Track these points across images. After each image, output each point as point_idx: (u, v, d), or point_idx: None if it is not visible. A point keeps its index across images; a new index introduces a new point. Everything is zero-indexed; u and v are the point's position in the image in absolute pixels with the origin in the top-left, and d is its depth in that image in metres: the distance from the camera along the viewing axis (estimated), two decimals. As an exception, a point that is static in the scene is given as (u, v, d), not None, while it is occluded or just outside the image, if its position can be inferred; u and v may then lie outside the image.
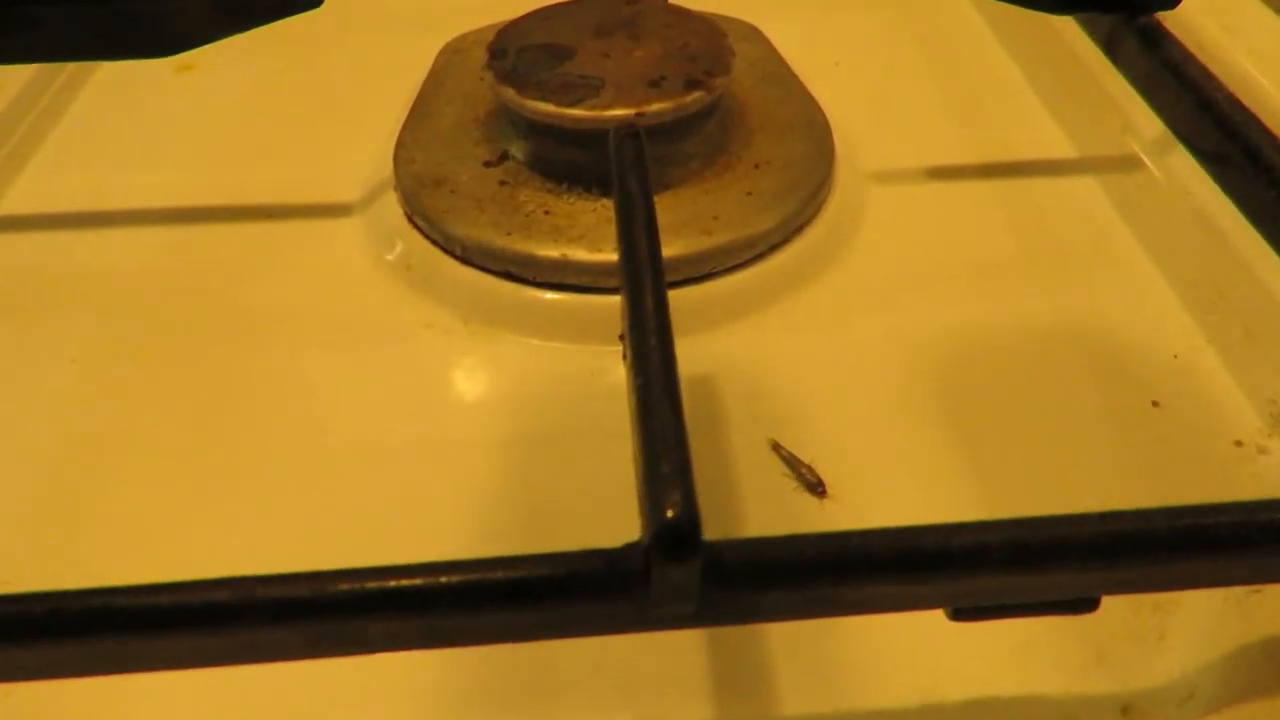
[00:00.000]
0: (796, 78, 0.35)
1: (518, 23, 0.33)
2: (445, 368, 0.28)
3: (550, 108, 0.29)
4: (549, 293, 0.29)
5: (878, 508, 0.24)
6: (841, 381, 0.27)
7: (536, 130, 0.30)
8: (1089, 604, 0.18)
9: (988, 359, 0.28)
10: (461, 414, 0.27)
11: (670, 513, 0.15)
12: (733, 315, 0.29)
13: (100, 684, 0.16)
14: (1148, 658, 0.21)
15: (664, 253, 0.22)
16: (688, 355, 0.19)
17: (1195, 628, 0.21)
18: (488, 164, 0.32)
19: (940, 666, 0.21)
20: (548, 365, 0.28)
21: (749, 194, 0.30)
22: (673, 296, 0.20)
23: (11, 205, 0.34)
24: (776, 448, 0.25)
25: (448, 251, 0.30)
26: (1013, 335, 0.28)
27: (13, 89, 0.37)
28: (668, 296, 0.20)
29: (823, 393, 0.27)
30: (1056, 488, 0.25)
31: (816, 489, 0.24)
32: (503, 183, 0.31)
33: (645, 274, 0.20)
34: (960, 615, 0.18)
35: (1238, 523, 0.17)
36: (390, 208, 0.32)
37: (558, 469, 0.25)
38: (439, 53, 0.37)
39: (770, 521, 0.24)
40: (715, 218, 0.29)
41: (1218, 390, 0.27)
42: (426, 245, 0.30)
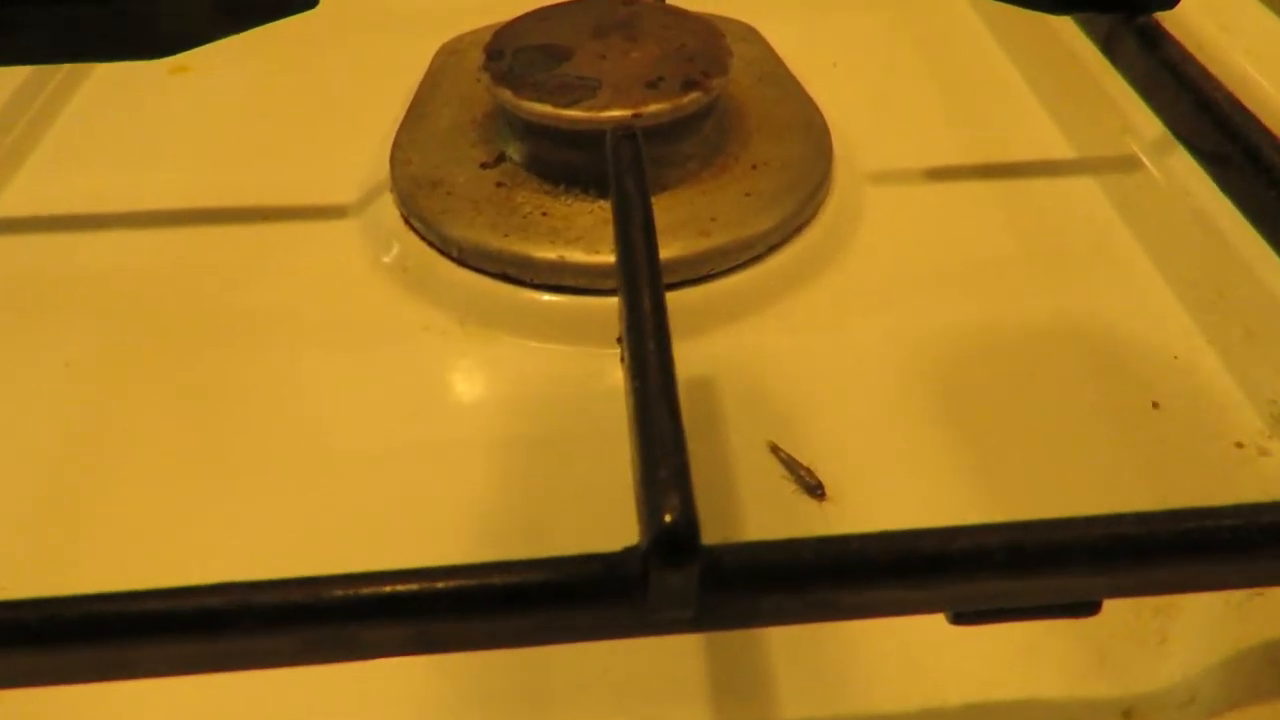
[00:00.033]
0: (794, 78, 0.35)
1: (514, 24, 0.33)
2: (442, 370, 0.28)
3: (547, 109, 0.29)
4: (546, 294, 0.29)
5: (877, 510, 0.24)
6: (840, 383, 0.27)
7: (533, 131, 0.30)
8: (1090, 607, 0.18)
9: (987, 360, 0.28)
10: (458, 416, 0.27)
11: (668, 517, 0.15)
12: (731, 317, 0.29)
13: (96, 687, 0.16)
14: (1149, 661, 0.21)
15: (662, 254, 0.22)
16: (686, 357, 0.19)
17: (1197, 631, 0.21)
18: (484, 165, 0.32)
19: (940, 670, 0.21)
20: (545, 367, 0.28)
21: (747, 195, 0.30)
22: (671, 298, 0.20)
23: (6, 207, 0.34)
24: (775, 450, 0.25)
25: (444, 253, 0.30)
26: (1012, 336, 0.28)
27: (8, 90, 0.37)
28: (665, 299, 0.20)
29: (821, 394, 0.27)
30: (1056, 489, 0.24)
31: (815, 491, 0.24)
32: (500, 184, 0.31)
33: (643, 276, 0.20)
34: (961, 619, 0.17)
35: (1240, 525, 0.16)
36: (387, 209, 0.32)
37: (555, 471, 0.25)
38: (435, 54, 0.37)
39: (769, 524, 0.24)
40: (713, 219, 0.29)
41: (1218, 391, 0.26)
42: (423, 247, 0.30)
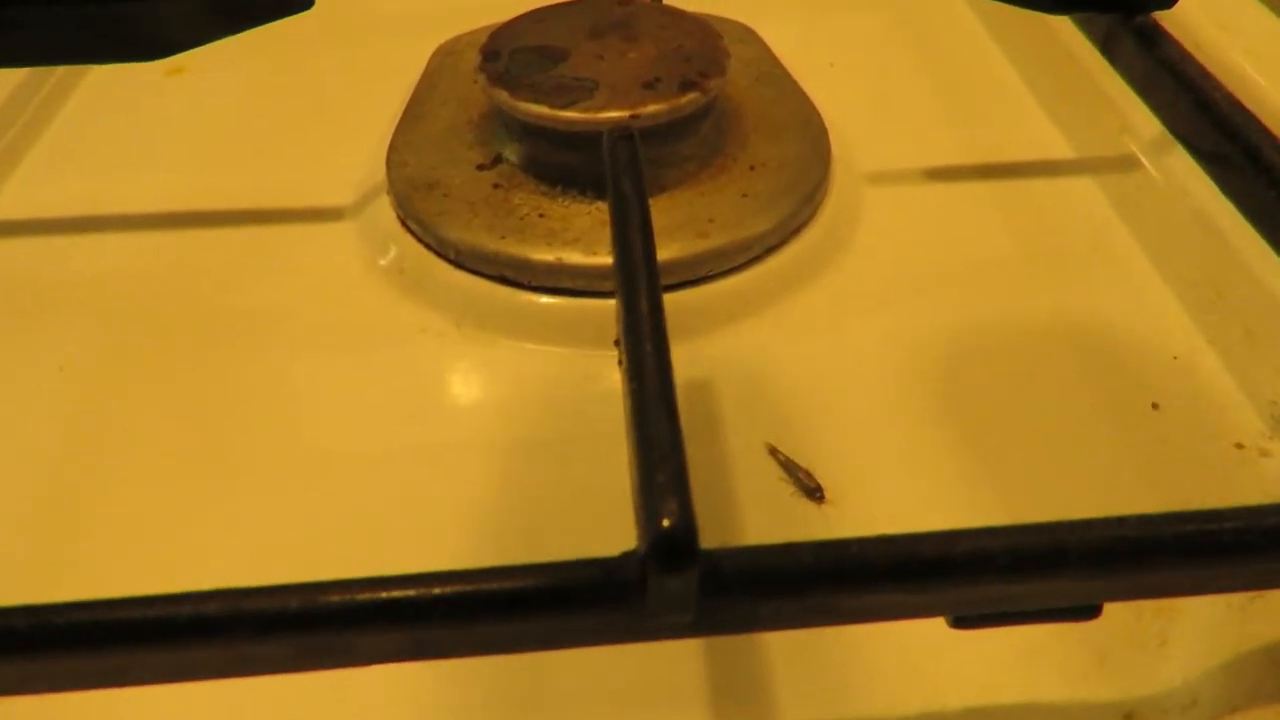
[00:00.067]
0: (792, 78, 0.35)
1: (511, 25, 0.33)
2: (439, 372, 0.28)
3: (544, 110, 0.29)
4: (543, 296, 0.29)
5: (876, 512, 0.24)
6: (839, 384, 0.27)
7: (530, 133, 0.30)
8: (1091, 611, 0.18)
9: (986, 361, 0.28)
10: (455, 419, 0.27)
11: (667, 522, 0.15)
12: (729, 318, 0.28)
13: (95, 692, 0.16)
14: (1150, 663, 0.21)
15: (659, 256, 0.22)
16: (684, 359, 0.19)
17: (1197, 633, 0.21)
18: (481, 167, 0.31)
19: (940, 673, 0.21)
20: (542, 370, 0.27)
21: (745, 196, 0.30)
22: (668, 300, 0.20)
23: (2, 210, 0.34)
24: (774, 452, 0.25)
25: (441, 255, 0.30)
26: (1011, 337, 0.28)
27: (3, 93, 0.37)
28: (663, 301, 0.20)
29: (820, 396, 0.27)
30: (1056, 491, 0.24)
31: (815, 494, 0.24)
32: (496, 186, 0.31)
33: (640, 278, 0.20)
34: (961, 623, 0.17)
35: (1241, 528, 0.16)
36: (383, 211, 0.32)
37: (553, 474, 0.25)
38: (432, 55, 0.37)
39: (768, 527, 0.24)
40: (711, 220, 0.29)
41: (1218, 392, 0.26)
42: (420, 249, 0.30)
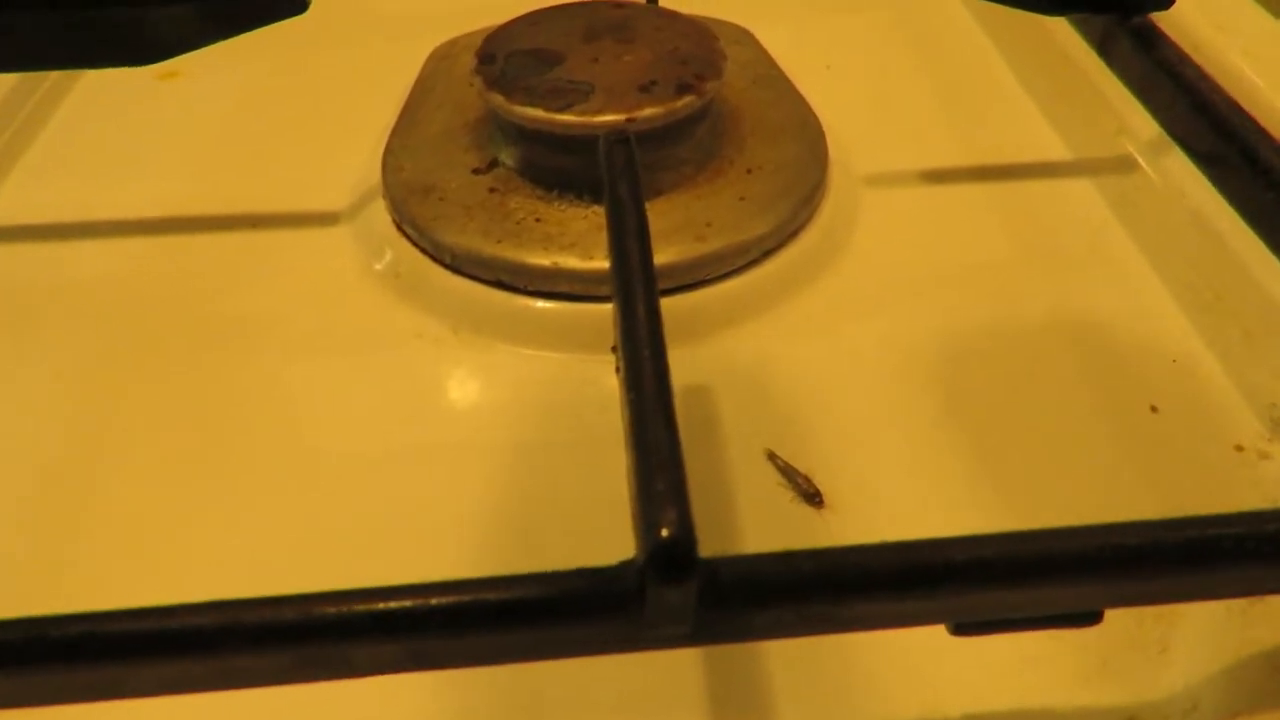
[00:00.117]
0: (788, 81, 0.35)
1: (506, 28, 0.32)
2: (435, 377, 0.28)
3: (540, 113, 0.29)
4: (540, 301, 0.28)
5: (875, 516, 0.24)
6: (838, 389, 0.27)
7: (526, 136, 0.30)
8: (1092, 617, 0.17)
9: (984, 364, 0.28)
10: (452, 424, 0.27)
11: (666, 532, 0.15)
12: (727, 322, 0.28)
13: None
14: (1151, 669, 0.21)
15: (656, 260, 0.22)
16: (681, 364, 0.19)
17: (1198, 638, 0.21)
18: (477, 171, 0.31)
19: (941, 679, 0.21)
20: (539, 374, 0.27)
21: (742, 199, 0.30)
22: (666, 304, 0.20)
23: (-6, 216, 0.33)
24: (773, 457, 0.25)
25: (437, 260, 0.30)
26: (1009, 339, 0.28)
27: (-5, 97, 0.37)
28: (660, 306, 0.20)
29: (819, 400, 0.26)
30: (1056, 495, 0.24)
31: (814, 499, 0.24)
32: (492, 190, 0.31)
33: (637, 283, 0.20)
34: (961, 630, 0.17)
35: (1242, 534, 0.16)
36: (379, 215, 0.31)
37: (550, 479, 0.25)
38: (427, 58, 0.37)
39: (767, 533, 0.23)
40: (708, 224, 0.29)
41: (1217, 394, 0.26)
42: (415, 253, 0.30)
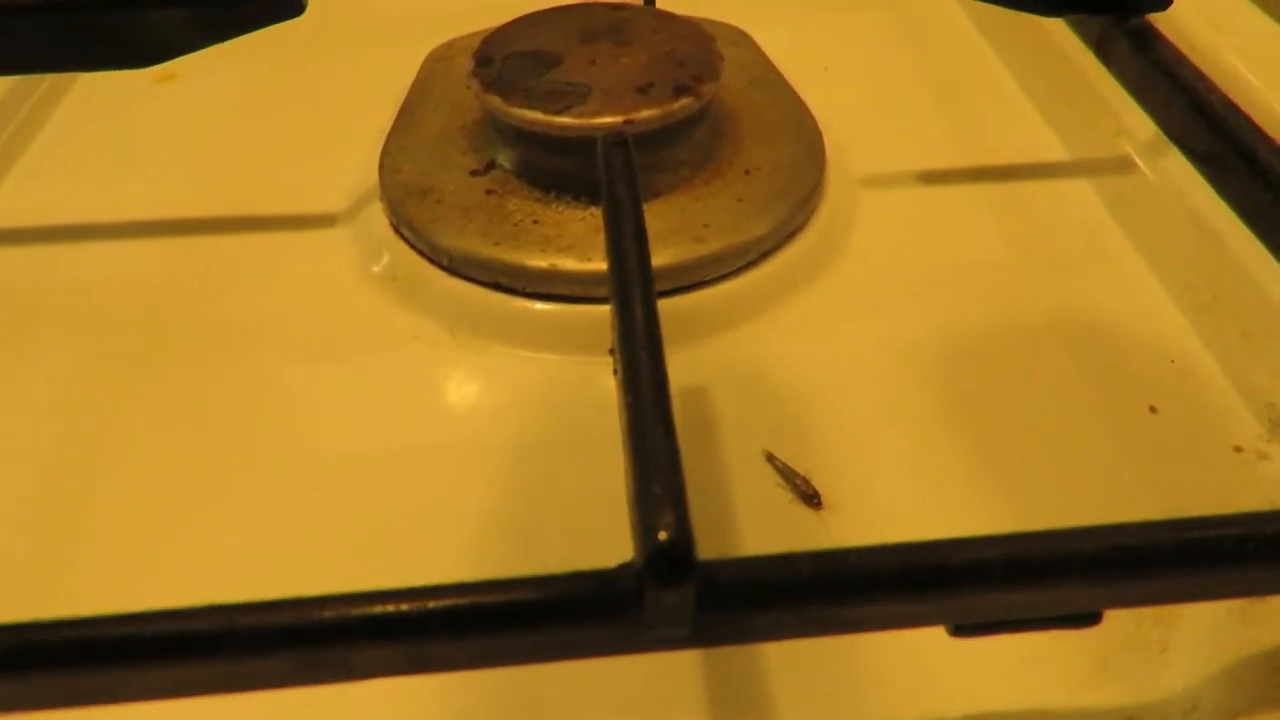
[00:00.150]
0: (786, 82, 0.35)
1: (503, 30, 0.32)
2: (433, 380, 0.28)
3: (537, 116, 0.29)
4: (538, 303, 0.28)
5: (874, 517, 0.24)
6: (836, 390, 0.27)
7: (523, 138, 0.30)
8: (1091, 618, 0.17)
9: (982, 365, 0.27)
10: (450, 426, 0.27)
11: (664, 535, 0.15)
12: (725, 324, 0.28)
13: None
14: (1151, 670, 0.21)
15: (654, 261, 0.21)
16: (679, 365, 0.19)
17: (1198, 639, 0.21)
18: (475, 173, 0.31)
19: (941, 681, 0.21)
20: (537, 376, 0.27)
21: (739, 200, 0.30)
22: (664, 306, 0.20)
23: (-10, 219, 0.33)
24: (771, 459, 0.25)
25: (434, 262, 0.30)
26: (1007, 340, 0.28)
27: (-9, 100, 0.37)
28: (658, 308, 0.20)
29: (817, 401, 0.26)
30: (1055, 496, 0.24)
31: (812, 500, 0.24)
32: (490, 192, 0.31)
33: (635, 286, 0.20)
34: (961, 631, 0.17)
35: (1242, 535, 0.16)
36: (376, 218, 0.31)
37: (548, 481, 0.25)
38: (424, 60, 0.37)
39: (765, 534, 0.23)
40: (706, 225, 0.29)
41: (1216, 395, 0.26)
42: (413, 256, 0.30)
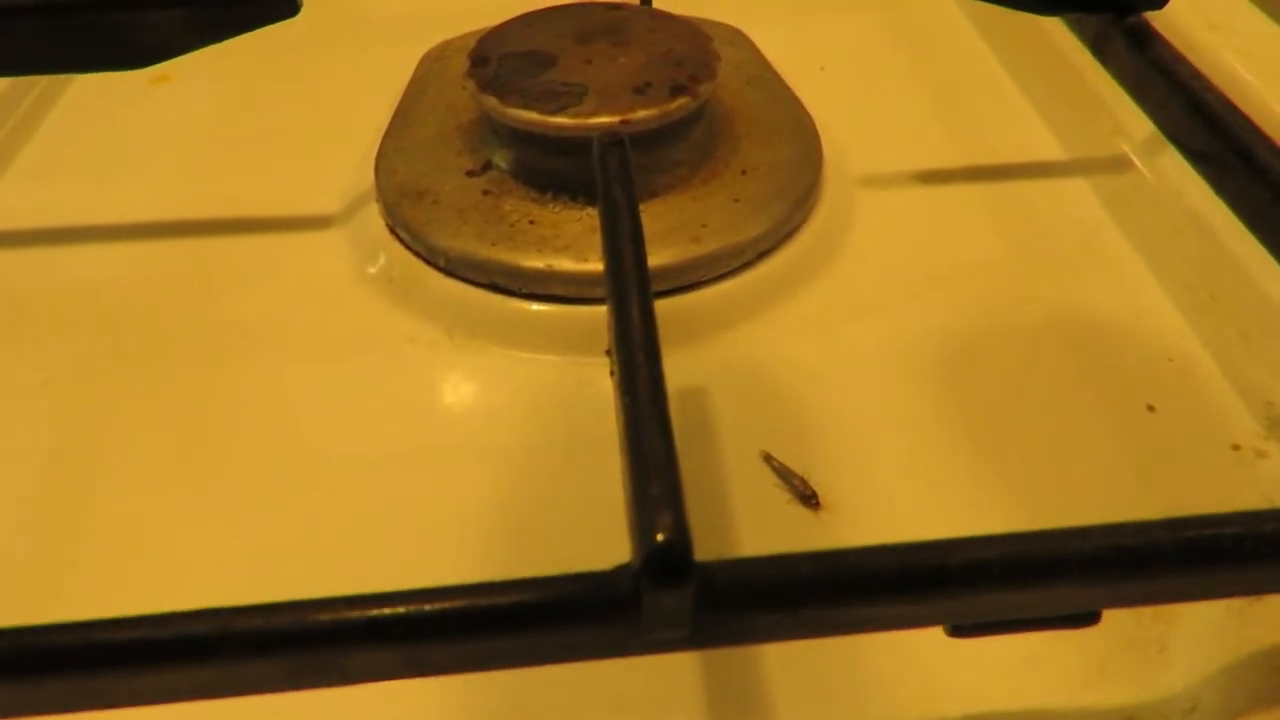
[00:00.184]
0: (783, 82, 0.35)
1: (499, 30, 0.32)
2: (429, 381, 0.28)
3: (533, 116, 0.29)
4: (535, 304, 0.28)
5: (872, 518, 0.24)
6: (834, 390, 0.27)
7: (520, 139, 0.30)
8: (1090, 618, 0.17)
9: (980, 365, 0.27)
10: (446, 428, 0.26)
11: (661, 536, 0.15)
12: (722, 324, 0.28)
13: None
14: (1150, 669, 0.20)
15: (651, 262, 0.21)
16: (676, 366, 0.19)
17: (1197, 638, 0.21)
18: (471, 174, 0.31)
19: (940, 680, 0.21)
20: (534, 378, 0.27)
21: (736, 200, 0.30)
22: (661, 306, 0.20)
23: (-16, 221, 0.33)
24: (769, 459, 0.25)
25: (431, 263, 0.29)
26: (1005, 340, 0.28)
27: (-14, 103, 0.37)
28: (655, 309, 0.19)
29: (815, 402, 0.26)
30: (1053, 495, 0.24)
31: (810, 501, 0.24)
32: (486, 192, 0.30)
33: (631, 287, 0.20)
34: (959, 632, 0.17)
35: (1240, 534, 0.16)
36: (372, 219, 0.31)
37: (545, 482, 0.25)
38: (420, 61, 0.37)
39: (763, 535, 0.23)
40: (703, 225, 0.29)
41: (1214, 393, 0.26)
42: (409, 257, 0.30)
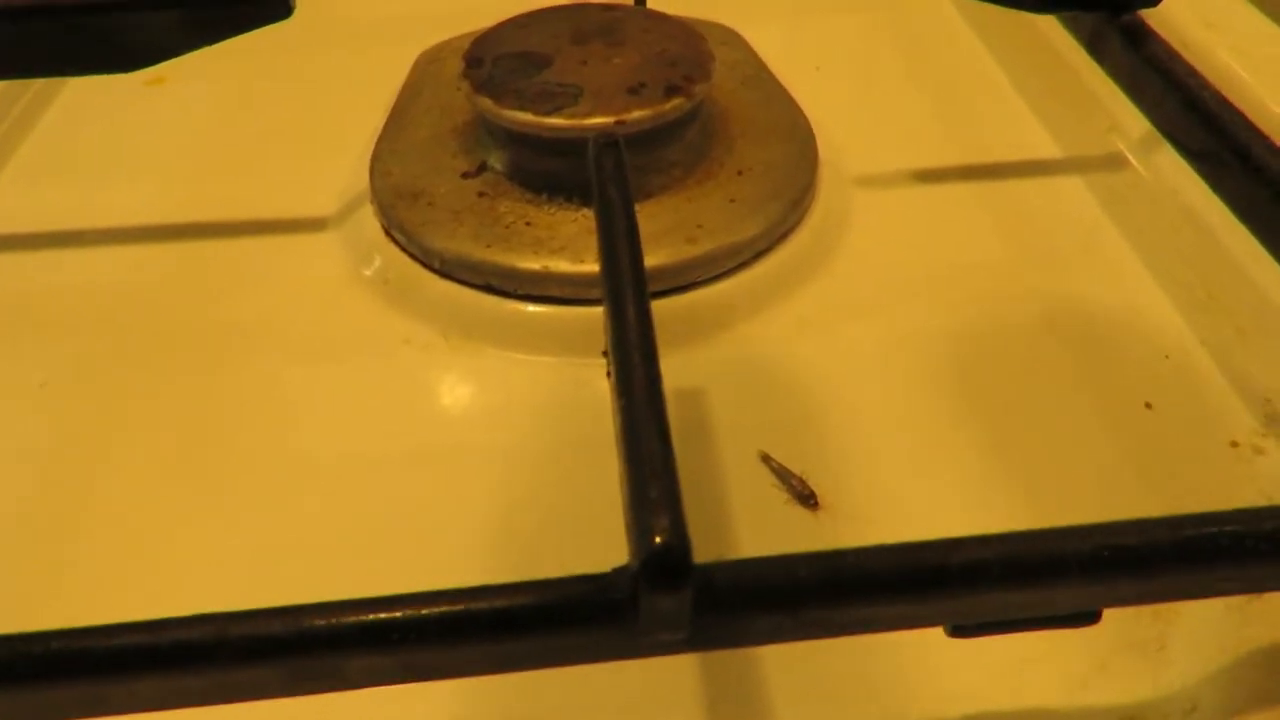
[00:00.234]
0: (777, 82, 0.35)
1: (494, 31, 0.32)
2: (425, 384, 0.27)
3: (528, 117, 0.29)
4: (531, 305, 0.28)
5: (870, 517, 0.24)
6: (831, 390, 0.27)
7: (515, 140, 0.30)
8: (1090, 617, 0.17)
9: (978, 363, 0.27)
10: (443, 430, 0.26)
11: (659, 538, 0.14)
12: (718, 325, 0.28)
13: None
14: (1150, 668, 0.20)
15: (647, 262, 0.21)
16: (673, 367, 0.19)
17: (1197, 636, 0.21)
18: (466, 175, 0.31)
19: (940, 680, 0.20)
20: (530, 379, 0.27)
21: (732, 201, 0.30)
22: (657, 307, 0.20)
23: (-22, 224, 0.33)
24: (766, 459, 0.25)
25: (426, 265, 0.29)
26: (1002, 339, 0.28)
27: (-21, 106, 0.37)
28: (651, 310, 0.19)
29: (812, 402, 0.26)
30: (1051, 493, 0.24)
31: (808, 501, 0.24)
32: (482, 194, 0.30)
33: (627, 287, 0.20)
34: (959, 632, 0.17)
35: (1240, 532, 0.16)
36: (367, 221, 0.31)
37: (543, 484, 0.25)
38: (415, 63, 0.37)
39: (762, 535, 0.23)
40: (699, 226, 0.29)
41: (1211, 391, 0.26)
42: (405, 259, 0.30)
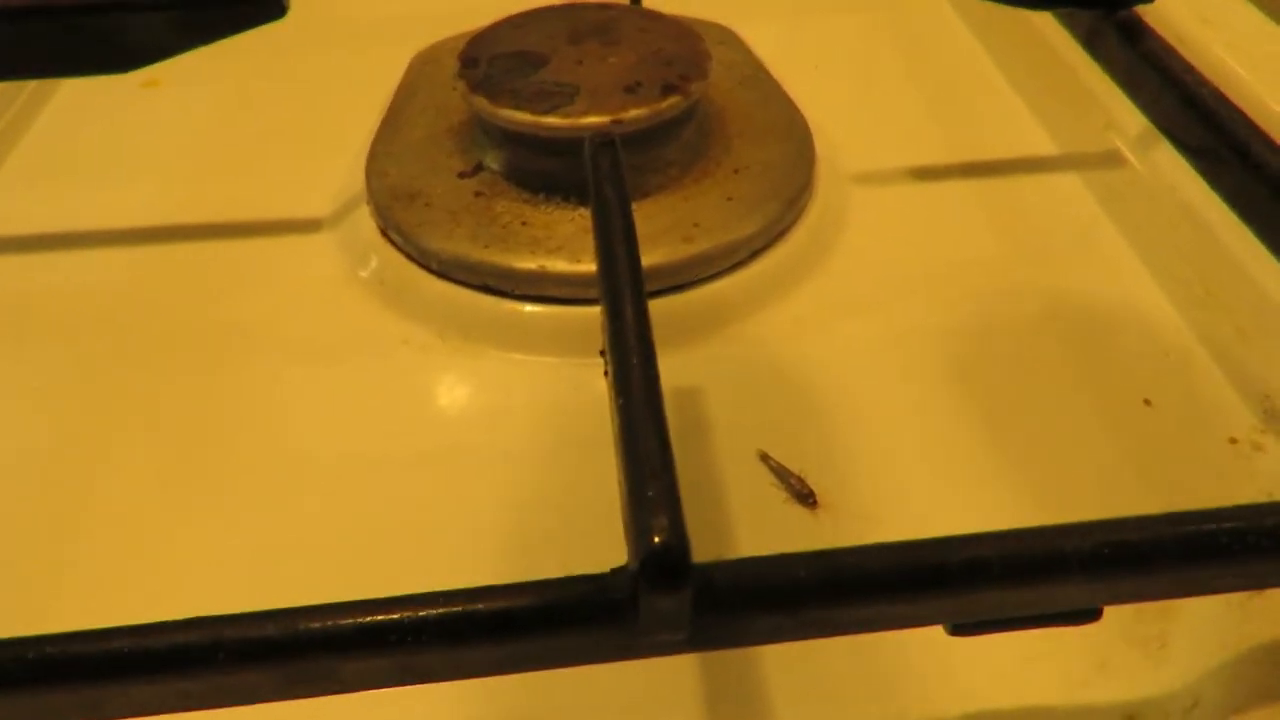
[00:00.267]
0: (774, 81, 0.35)
1: (490, 31, 0.32)
2: (423, 385, 0.27)
3: (524, 117, 0.29)
4: (528, 305, 0.28)
5: (869, 516, 0.24)
6: (829, 388, 0.27)
7: (511, 140, 0.30)
8: (1090, 615, 0.17)
9: (976, 361, 0.27)
10: (441, 431, 0.26)
11: (658, 538, 0.14)
12: (716, 324, 0.28)
13: None
14: (1151, 666, 0.20)
15: (644, 261, 0.21)
16: (671, 366, 0.19)
17: (1198, 633, 0.21)
18: (462, 175, 0.31)
19: (940, 678, 0.20)
20: (528, 379, 0.27)
21: (729, 199, 0.30)
22: (654, 306, 0.20)
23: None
24: (765, 458, 0.25)
25: (423, 266, 0.29)
26: (1000, 337, 0.28)
27: (-27, 109, 0.36)
28: (648, 309, 0.19)
29: (810, 400, 0.26)
30: (1050, 490, 0.24)
31: (807, 499, 0.24)
32: (478, 194, 0.30)
33: (625, 287, 0.20)
34: (959, 630, 0.17)
35: (1240, 529, 0.16)
36: (363, 222, 0.31)
37: (541, 484, 0.25)
38: (410, 63, 0.37)
39: (761, 535, 0.23)
40: (696, 225, 0.29)
41: (1210, 387, 0.26)
42: (401, 260, 0.30)
